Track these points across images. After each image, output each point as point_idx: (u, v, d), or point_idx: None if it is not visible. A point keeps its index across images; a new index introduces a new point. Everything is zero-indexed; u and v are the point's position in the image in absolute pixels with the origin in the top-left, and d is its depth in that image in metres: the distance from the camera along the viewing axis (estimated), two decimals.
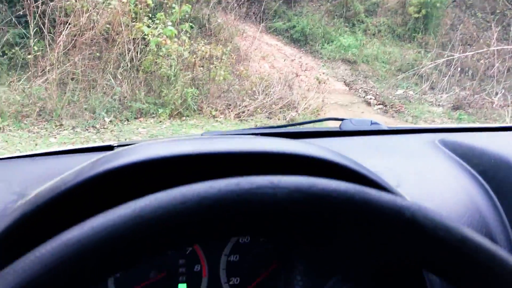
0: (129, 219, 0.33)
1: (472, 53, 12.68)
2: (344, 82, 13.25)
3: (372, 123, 1.23)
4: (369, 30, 15.66)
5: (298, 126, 1.19)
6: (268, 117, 7.88)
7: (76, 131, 5.76)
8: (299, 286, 0.71)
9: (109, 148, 0.98)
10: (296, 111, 8.41)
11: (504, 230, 0.82)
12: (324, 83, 10.83)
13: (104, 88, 6.46)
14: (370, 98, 11.66)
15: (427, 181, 0.89)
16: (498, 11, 14.33)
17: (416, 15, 15.12)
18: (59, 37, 6.01)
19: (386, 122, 6.52)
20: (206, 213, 0.34)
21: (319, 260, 0.66)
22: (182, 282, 0.76)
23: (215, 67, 7.96)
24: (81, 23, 6.08)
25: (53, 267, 0.30)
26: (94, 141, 5.47)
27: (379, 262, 0.49)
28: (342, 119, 1.21)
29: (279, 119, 7.80)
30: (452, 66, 12.83)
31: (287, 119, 7.86)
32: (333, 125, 1.22)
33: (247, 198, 0.35)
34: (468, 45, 14.71)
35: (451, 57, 12.53)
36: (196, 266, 0.77)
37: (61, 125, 5.81)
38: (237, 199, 0.35)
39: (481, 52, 12.98)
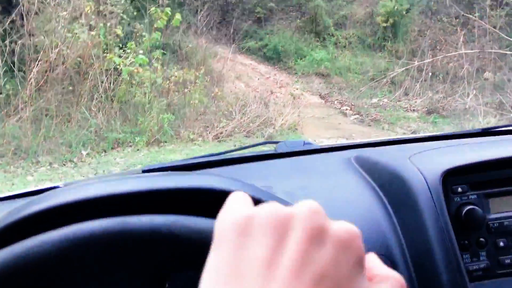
0: None
1: (441, 57, 12.99)
2: (320, 95, 13.44)
3: (305, 143, 1.31)
4: (339, 42, 15.98)
5: (238, 151, 1.26)
6: (246, 136, 7.95)
7: (54, 167, 5.73)
8: None
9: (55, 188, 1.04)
10: (274, 128, 8.50)
11: (398, 240, 0.89)
12: (298, 98, 10.99)
13: (79, 121, 6.46)
14: (346, 109, 11.85)
15: (335, 198, 0.96)
16: (462, 14, 14.77)
17: (384, 24, 15.48)
18: (30, 74, 6.02)
19: (363, 132, 6.61)
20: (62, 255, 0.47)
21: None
22: None
23: (190, 91, 8.04)
24: (51, 59, 6.10)
25: None
26: (73, 176, 5.44)
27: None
28: (277, 142, 1.29)
29: (257, 137, 7.88)
30: (424, 71, 13.14)
31: (265, 137, 7.94)
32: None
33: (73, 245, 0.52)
34: (438, 49, 15.10)
35: (422, 63, 12.84)
36: None
37: (38, 162, 5.77)
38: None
39: (449, 56, 13.32)
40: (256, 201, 0.40)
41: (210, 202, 0.63)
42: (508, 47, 11.79)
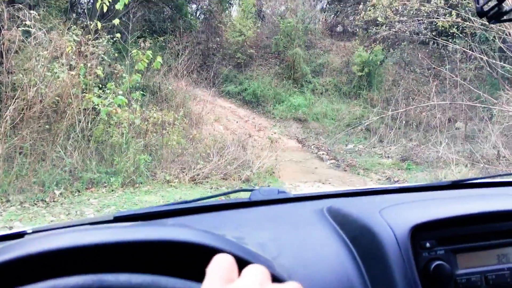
0: None
1: (414, 107, 13.41)
2: (297, 139, 13.65)
3: (279, 192, 1.31)
4: (316, 89, 16.42)
5: (212, 198, 1.27)
6: (223, 178, 7.93)
7: (24, 206, 5.58)
8: None
9: (21, 235, 1.03)
10: (251, 171, 8.52)
11: None
12: (276, 141, 11.13)
13: (54, 160, 6.36)
14: (323, 154, 12.02)
15: (306, 250, 0.96)
16: (434, 66, 15.41)
17: (360, 74, 16.02)
18: (6, 112, 5.95)
19: (339, 176, 6.67)
20: None
21: None
22: None
23: (168, 132, 8.06)
24: (29, 97, 6.07)
25: None
26: (44, 216, 5.30)
27: None
28: (252, 190, 1.29)
29: (234, 179, 7.88)
30: (398, 120, 13.53)
31: (242, 179, 7.95)
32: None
33: None
34: (411, 98, 15.63)
35: (396, 112, 13.22)
36: None
37: (8, 201, 5.62)
38: None
39: (423, 105, 13.76)
40: (229, 253, 0.42)
41: (182, 254, 0.66)
42: (477, 99, 12.29)
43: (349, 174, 10.15)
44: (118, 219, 1.12)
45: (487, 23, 7.19)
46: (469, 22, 8.67)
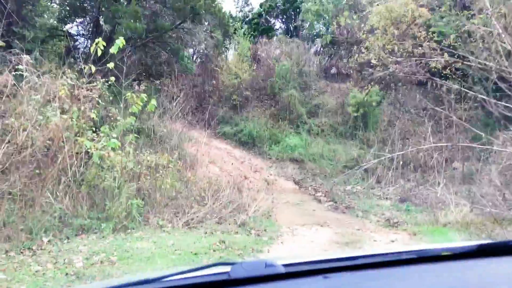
0: None
1: (411, 150, 13.35)
2: (294, 181, 13.49)
3: (267, 266, 1.09)
4: (312, 130, 16.44)
5: (185, 274, 1.03)
6: (218, 223, 7.72)
7: (10, 255, 5.34)
8: None
9: None
10: (247, 214, 8.32)
11: None
12: (273, 183, 10.98)
13: (43, 206, 6.17)
14: (320, 196, 11.85)
15: None
16: (430, 107, 15.52)
17: (355, 114, 16.09)
18: None
19: (337, 219, 6.49)
20: None
21: None
22: None
23: (162, 175, 7.91)
24: (19, 141, 5.96)
25: None
26: (29, 265, 5.07)
27: None
28: (232, 263, 1.08)
29: (229, 224, 7.66)
30: (395, 160, 13.46)
31: (238, 223, 7.73)
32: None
33: None
34: (407, 139, 15.64)
35: (393, 152, 13.16)
36: None
37: None
38: None
39: (419, 147, 13.74)
40: None
41: None
42: (474, 139, 12.27)
43: (348, 216, 9.96)
44: None
45: (485, 62, 7.23)
46: (465, 62, 8.75)
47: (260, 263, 1.09)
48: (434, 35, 14.00)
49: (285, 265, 1.09)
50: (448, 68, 12.19)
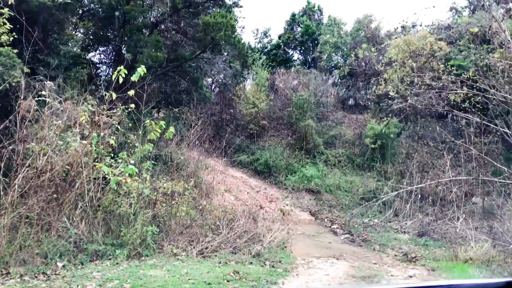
0: None
1: (430, 183, 13.13)
2: (310, 212, 13.34)
3: None
4: (329, 161, 16.36)
5: None
6: (232, 252, 7.62)
7: (24, 279, 5.33)
8: None
9: None
10: (261, 245, 8.20)
11: None
12: (288, 214, 10.86)
13: (59, 231, 6.19)
14: (337, 228, 11.67)
15: None
16: (447, 140, 15.35)
17: (373, 146, 16.01)
18: (15, 180, 5.89)
19: (354, 252, 6.36)
20: None
21: None
22: None
23: (177, 203, 7.90)
24: (39, 166, 6.04)
25: None
26: None
27: None
28: None
29: (244, 254, 7.55)
30: (413, 193, 13.23)
31: (252, 253, 7.62)
32: None
33: None
34: (425, 172, 15.42)
35: (411, 185, 12.97)
36: None
37: (8, 273, 5.38)
38: None
39: (438, 181, 13.52)
40: None
41: None
42: (494, 173, 12.03)
43: (364, 250, 9.75)
44: None
45: (505, 95, 7.15)
46: (485, 95, 8.67)
47: None
48: (453, 68, 13.98)
49: None
50: (468, 101, 12.10)
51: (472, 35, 12.54)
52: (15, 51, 8.19)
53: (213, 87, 20.88)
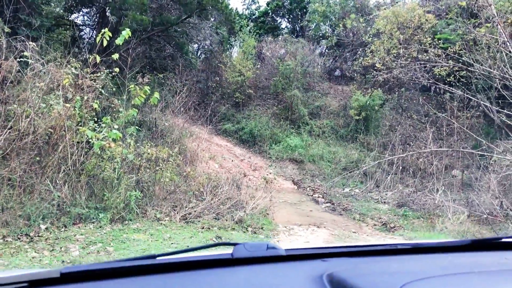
0: None
1: (411, 153, 13.35)
2: (293, 181, 13.50)
3: (268, 248, 1.10)
4: (313, 131, 16.45)
5: (188, 252, 1.03)
6: (215, 218, 7.72)
7: (7, 240, 5.35)
8: None
9: None
10: (244, 211, 8.31)
11: None
12: (271, 182, 10.98)
13: (42, 194, 6.17)
14: (318, 197, 11.85)
15: None
16: (430, 113, 15.52)
17: (357, 117, 16.11)
18: None
19: (334, 220, 6.47)
20: None
21: None
22: None
23: (161, 169, 7.91)
24: (21, 128, 5.96)
25: None
26: (26, 251, 5.08)
27: None
28: (234, 244, 1.09)
29: (226, 220, 7.66)
30: (394, 165, 13.46)
31: (235, 219, 7.74)
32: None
33: None
34: (408, 144, 15.64)
35: (393, 157, 13.17)
36: None
37: None
38: None
39: (419, 152, 13.75)
40: None
41: None
42: (474, 147, 12.28)
43: (345, 218, 9.96)
44: (65, 277, 0.94)
45: (490, 70, 7.23)
46: (469, 69, 8.75)
47: (262, 244, 1.10)
48: (439, 41, 14.02)
49: (286, 249, 1.10)
50: (452, 75, 12.20)
51: (460, 9, 12.55)
52: None
53: (199, 54, 20.58)
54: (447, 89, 10.63)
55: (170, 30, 14.72)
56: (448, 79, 12.56)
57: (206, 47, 19.00)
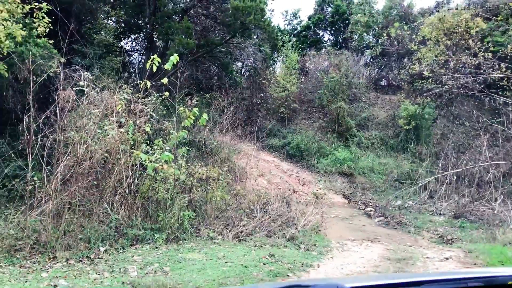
0: None
1: (466, 161, 12.85)
2: (343, 194, 13.30)
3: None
4: (362, 143, 16.17)
5: None
6: (267, 236, 7.72)
7: (70, 263, 5.60)
8: None
9: None
10: (296, 228, 8.27)
11: None
12: (321, 197, 10.86)
13: (100, 216, 6.43)
14: (370, 210, 11.61)
15: None
16: (484, 119, 14.90)
17: (407, 127, 15.71)
18: (57, 169, 6.15)
19: (389, 234, 6.31)
20: None
21: None
22: None
23: (212, 187, 8.04)
24: (79, 154, 6.26)
25: None
26: (88, 273, 5.28)
27: None
28: (307, 286, 1.07)
29: (278, 237, 7.64)
30: (449, 174, 12.97)
31: (287, 237, 7.70)
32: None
33: None
34: (461, 152, 15.04)
35: (446, 166, 12.72)
36: None
37: (55, 257, 5.66)
38: None
39: (474, 160, 13.21)
40: None
41: None
42: None
43: (399, 232, 9.68)
44: None
45: None
46: None
47: (332, 286, 1.07)
48: (489, 45, 13.49)
49: None
50: (505, 79, 11.71)
51: (509, 10, 12.06)
52: (51, 41, 8.44)
53: (243, 72, 20.88)
54: (498, 96, 10.18)
55: (215, 51, 15.06)
56: (501, 84, 12.05)
57: (249, 64, 19.26)
